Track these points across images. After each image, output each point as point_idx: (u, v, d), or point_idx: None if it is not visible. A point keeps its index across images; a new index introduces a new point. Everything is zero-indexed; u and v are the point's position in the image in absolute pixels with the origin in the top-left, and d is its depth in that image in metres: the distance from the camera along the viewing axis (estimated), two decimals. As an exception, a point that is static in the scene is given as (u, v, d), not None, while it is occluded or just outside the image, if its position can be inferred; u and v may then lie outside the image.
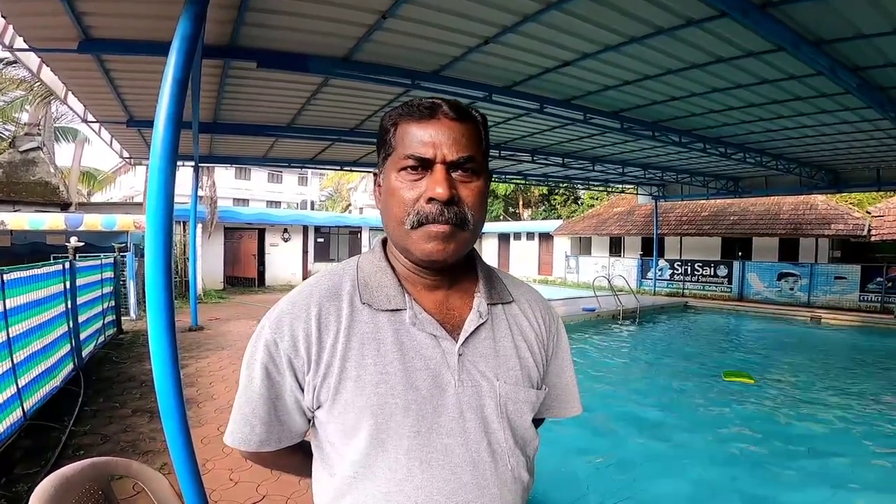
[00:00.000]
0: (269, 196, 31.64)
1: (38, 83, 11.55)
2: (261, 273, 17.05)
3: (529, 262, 23.13)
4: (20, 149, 12.19)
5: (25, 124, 13.41)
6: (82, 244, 7.45)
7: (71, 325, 5.29)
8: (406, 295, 0.82)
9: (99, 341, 6.67)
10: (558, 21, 4.30)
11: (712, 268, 15.62)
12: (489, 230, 23.65)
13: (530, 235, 23.34)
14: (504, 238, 24.40)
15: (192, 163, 9.02)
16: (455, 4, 4.04)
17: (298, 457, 0.91)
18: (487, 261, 0.98)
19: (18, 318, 3.85)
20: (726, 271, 15.24)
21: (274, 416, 0.81)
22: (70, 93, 6.12)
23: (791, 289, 13.80)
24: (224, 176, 26.60)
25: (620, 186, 16.29)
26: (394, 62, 5.21)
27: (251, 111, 7.11)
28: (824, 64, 4.75)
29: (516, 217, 29.31)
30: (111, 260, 7.76)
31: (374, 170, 0.89)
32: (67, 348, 5.17)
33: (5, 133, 14.53)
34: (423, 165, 0.77)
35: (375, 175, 0.88)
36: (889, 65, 5.03)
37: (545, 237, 22.46)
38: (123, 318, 8.65)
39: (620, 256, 19.31)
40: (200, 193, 11.91)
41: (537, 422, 0.93)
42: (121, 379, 5.52)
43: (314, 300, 0.80)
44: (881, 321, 11.17)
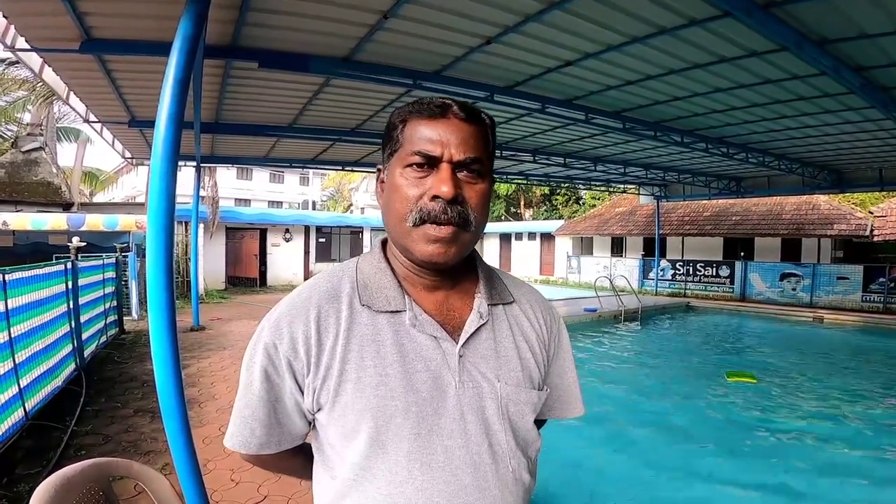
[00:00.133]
0: (271, 196, 31.73)
1: (41, 83, 11.59)
2: (262, 273, 17.07)
3: (531, 263, 23.11)
4: (22, 149, 12.22)
5: (28, 124, 13.44)
6: (84, 244, 7.46)
7: (73, 325, 5.30)
8: (406, 296, 0.81)
9: (101, 341, 6.68)
10: (560, 21, 4.29)
11: (714, 268, 15.58)
12: (491, 230, 23.61)
13: (532, 235, 23.32)
14: (506, 238, 24.39)
15: (194, 163, 9.07)
16: (457, 4, 4.03)
17: (299, 459, 0.90)
18: (489, 261, 0.97)
19: (20, 318, 3.85)
20: (728, 272, 15.20)
21: (274, 419, 0.81)
22: (72, 93, 6.12)
23: (793, 289, 13.75)
24: (226, 176, 26.69)
25: (622, 186, 16.26)
26: (395, 62, 5.21)
27: (253, 111, 7.11)
28: (827, 64, 4.74)
29: (518, 217, 29.29)
30: (113, 260, 7.79)
31: (379, 165, 0.88)
32: (69, 348, 5.18)
33: (8, 133, 14.55)
34: (430, 163, 0.76)
35: (379, 171, 0.87)
36: (892, 65, 5.01)
37: (547, 237, 22.43)
38: (125, 319, 8.68)
39: (622, 257, 19.28)
40: (202, 193, 11.93)
41: (539, 423, 0.92)
42: (122, 379, 5.53)
43: (313, 302, 0.80)
44: (884, 321, 11.13)
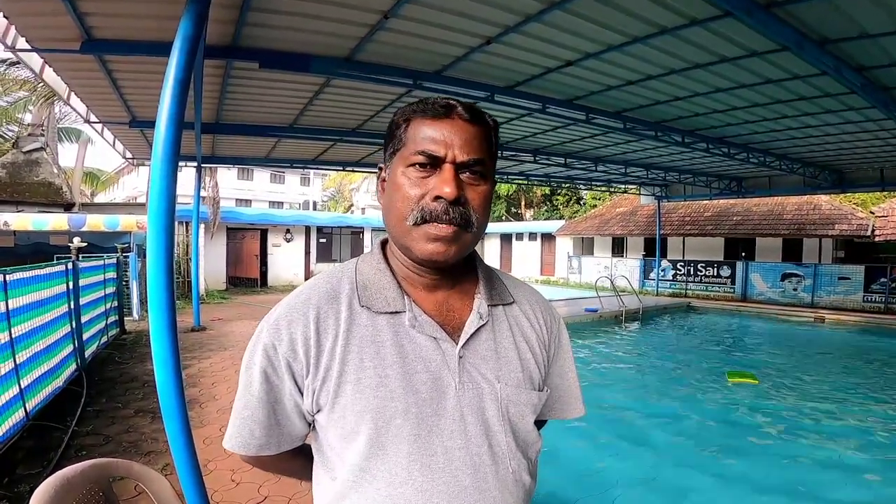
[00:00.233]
0: (272, 196, 31.77)
1: (41, 84, 11.61)
2: (263, 273, 17.07)
3: (532, 263, 23.11)
4: (23, 149, 12.22)
5: (29, 125, 13.44)
6: (85, 245, 7.47)
7: (74, 326, 5.30)
8: (405, 297, 0.81)
9: (102, 342, 6.69)
10: (561, 21, 4.29)
11: (715, 268, 15.56)
12: (491, 230, 23.61)
13: (532, 236, 23.32)
14: (506, 238, 24.38)
15: (195, 163, 9.08)
16: (457, 4, 4.03)
17: (299, 460, 0.90)
18: (489, 261, 0.97)
19: (21, 319, 3.86)
20: (729, 272, 15.18)
21: (273, 421, 0.81)
22: (73, 93, 6.13)
23: (794, 289, 13.73)
24: (226, 176, 26.73)
25: (623, 187, 16.25)
26: (396, 62, 5.21)
27: (253, 112, 7.11)
28: (829, 64, 4.73)
29: (518, 217, 29.28)
30: (114, 260, 7.79)
31: (381, 164, 0.87)
32: (70, 349, 5.18)
33: (9, 134, 14.58)
34: (433, 163, 0.76)
35: (380, 169, 0.87)
36: (893, 64, 5.00)
37: (547, 237, 22.42)
38: (126, 319, 8.68)
39: (623, 257, 19.26)
40: (203, 194, 11.94)
41: (540, 423, 0.92)
42: (123, 379, 5.53)
43: (312, 303, 0.79)
44: (885, 321, 11.12)
